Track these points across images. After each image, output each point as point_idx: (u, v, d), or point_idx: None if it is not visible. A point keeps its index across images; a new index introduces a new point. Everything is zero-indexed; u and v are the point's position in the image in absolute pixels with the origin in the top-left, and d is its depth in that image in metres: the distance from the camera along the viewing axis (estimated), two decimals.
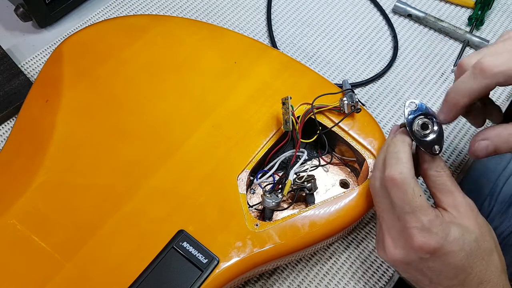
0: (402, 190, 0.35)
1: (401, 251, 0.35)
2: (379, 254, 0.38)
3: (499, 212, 0.59)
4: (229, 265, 0.37)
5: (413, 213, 0.34)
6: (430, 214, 0.35)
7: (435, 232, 0.34)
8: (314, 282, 0.44)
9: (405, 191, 0.35)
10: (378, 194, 0.38)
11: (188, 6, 0.61)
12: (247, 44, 0.49)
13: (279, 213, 0.42)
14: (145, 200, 0.39)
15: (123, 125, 0.43)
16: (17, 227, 0.38)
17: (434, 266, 0.35)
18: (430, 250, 0.34)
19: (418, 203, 0.35)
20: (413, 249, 0.34)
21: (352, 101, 0.43)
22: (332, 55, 0.58)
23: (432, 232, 0.34)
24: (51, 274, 0.36)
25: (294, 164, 0.42)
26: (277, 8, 0.62)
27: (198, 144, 0.42)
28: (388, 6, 0.63)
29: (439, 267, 0.35)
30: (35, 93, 0.45)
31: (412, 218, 0.34)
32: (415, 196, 0.35)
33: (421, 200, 0.35)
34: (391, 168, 0.36)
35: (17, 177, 0.40)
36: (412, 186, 0.35)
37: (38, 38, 0.57)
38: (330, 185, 0.45)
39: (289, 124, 0.41)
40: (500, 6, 0.64)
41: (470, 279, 0.35)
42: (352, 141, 0.43)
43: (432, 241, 0.34)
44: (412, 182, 0.35)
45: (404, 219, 0.35)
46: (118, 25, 0.50)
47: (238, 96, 0.45)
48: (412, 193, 0.35)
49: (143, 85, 0.46)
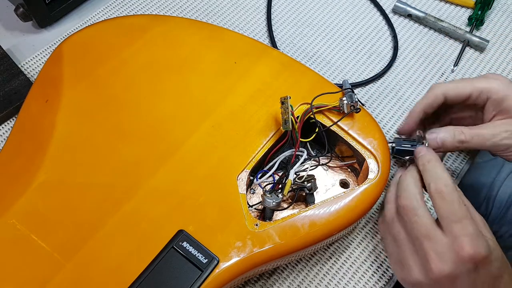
0: (449, 201, 0.35)
1: (449, 265, 0.34)
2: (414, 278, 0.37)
3: (497, 217, 0.59)
4: (229, 265, 0.37)
5: (460, 222, 0.34)
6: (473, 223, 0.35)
7: (482, 240, 0.34)
8: (314, 282, 0.44)
9: (452, 201, 0.35)
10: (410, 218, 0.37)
11: (188, 6, 0.61)
12: (247, 44, 0.49)
13: (279, 213, 0.42)
14: (145, 200, 0.39)
15: (123, 125, 0.43)
16: (17, 227, 0.38)
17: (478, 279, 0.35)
18: (480, 258, 0.34)
19: (464, 211, 0.35)
20: (463, 259, 0.34)
21: (351, 101, 0.43)
22: (332, 55, 0.58)
23: (480, 240, 0.34)
24: (51, 274, 0.36)
25: (294, 164, 0.42)
26: (277, 8, 0.62)
27: (198, 144, 0.42)
28: (388, 6, 0.63)
29: (482, 278, 0.35)
30: (35, 93, 0.45)
31: (460, 227, 0.34)
32: (461, 205, 0.35)
33: (466, 209, 0.36)
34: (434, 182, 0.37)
35: (17, 177, 0.40)
36: (457, 195, 0.36)
37: (38, 38, 0.57)
38: (330, 185, 0.45)
39: (288, 124, 0.41)
40: (500, 6, 0.64)
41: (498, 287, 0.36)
42: (352, 141, 0.43)
43: (481, 248, 0.34)
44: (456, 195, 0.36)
45: (452, 229, 0.35)
46: (118, 25, 0.50)
47: (238, 96, 0.45)
48: (459, 201, 0.36)
49: (143, 85, 0.46)
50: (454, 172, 0.51)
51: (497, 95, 0.42)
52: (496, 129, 0.41)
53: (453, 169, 0.51)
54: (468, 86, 0.43)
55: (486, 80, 0.43)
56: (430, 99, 0.44)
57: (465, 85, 0.43)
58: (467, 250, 0.34)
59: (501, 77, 0.43)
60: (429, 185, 0.37)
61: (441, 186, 0.36)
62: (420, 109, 0.44)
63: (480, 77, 0.44)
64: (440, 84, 0.44)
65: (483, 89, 0.42)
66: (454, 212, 0.35)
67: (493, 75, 0.44)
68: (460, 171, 0.51)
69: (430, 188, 0.37)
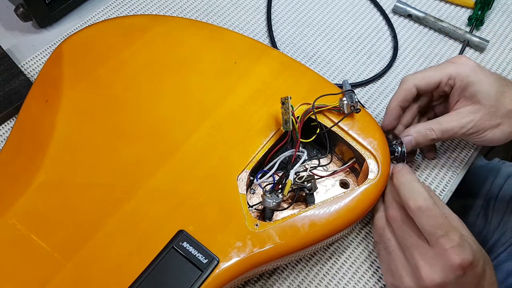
0: (432, 216, 0.36)
1: (439, 274, 0.35)
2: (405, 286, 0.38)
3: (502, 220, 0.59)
4: (229, 265, 0.37)
5: (447, 235, 0.35)
6: (457, 231, 0.36)
7: (467, 247, 0.35)
8: (314, 282, 0.44)
9: (435, 216, 0.36)
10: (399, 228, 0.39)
11: (188, 6, 0.61)
12: (247, 44, 0.49)
13: (279, 213, 0.42)
14: (145, 200, 0.39)
15: (123, 125, 0.43)
16: (17, 227, 0.38)
17: (466, 281, 0.36)
18: (468, 264, 0.35)
19: (447, 223, 0.36)
20: (453, 268, 0.35)
21: (351, 101, 0.43)
22: (332, 55, 0.58)
23: (465, 247, 0.35)
24: (51, 274, 0.36)
25: (294, 164, 0.42)
26: (277, 8, 0.62)
27: (198, 144, 0.42)
28: (388, 6, 0.63)
29: (469, 280, 0.36)
30: (35, 93, 0.45)
31: (446, 240, 0.35)
32: (443, 217, 0.36)
33: (447, 220, 0.36)
34: (413, 199, 0.37)
35: (17, 177, 0.40)
36: (438, 211, 0.36)
37: (38, 38, 0.57)
38: (330, 185, 0.45)
39: (289, 124, 0.41)
40: (500, 6, 0.64)
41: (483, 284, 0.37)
42: (352, 141, 0.43)
43: (468, 255, 0.35)
44: (436, 208, 0.36)
45: (439, 243, 0.35)
46: (118, 25, 0.50)
47: (238, 96, 0.45)
48: (440, 214, 0.36)
49: (143, 85, 0.46)
50: (462, 161, 0.51)
51: (462, 82, 0.44)
52: (463, 120, 0.43)
53: (462, 157, 0.51)
54: (437, 74, 0.44)
55: (454, 65, 0.44)
56: (404, 93, 0.45)
57: (434, 74, 0.45)
58: (456, 260, 0.35)
59: (468, 61, 0.45)
60: (408, 202, 0.37)
61: (421, 202, 0.36)
62: (396, 105, 0.45)
63: (448, 62, 0.46)
64: (410, 76, 0.45)
65: (450, 76, 0.44)
66: (438, 227, 0.36)
67: (460, 59, 0.45)
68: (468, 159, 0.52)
69: (409, 205, 0.37)
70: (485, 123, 0.43)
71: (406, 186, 0.38)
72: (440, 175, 0.50)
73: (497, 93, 0.43)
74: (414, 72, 0.46)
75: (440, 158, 0.51)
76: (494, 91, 0.43)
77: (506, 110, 0.43)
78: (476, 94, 0.43)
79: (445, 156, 0.52)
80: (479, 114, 0.43)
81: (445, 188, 0.50)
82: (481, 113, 0.43)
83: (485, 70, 0.44)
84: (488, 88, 0.43)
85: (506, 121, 0.44)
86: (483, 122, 0.43)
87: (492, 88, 0.43)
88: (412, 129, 0.45)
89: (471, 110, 0.44)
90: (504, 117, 0.43)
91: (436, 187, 0.50)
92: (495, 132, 0.44)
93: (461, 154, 0.52)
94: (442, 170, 0.51)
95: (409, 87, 0.45)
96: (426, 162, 0.51)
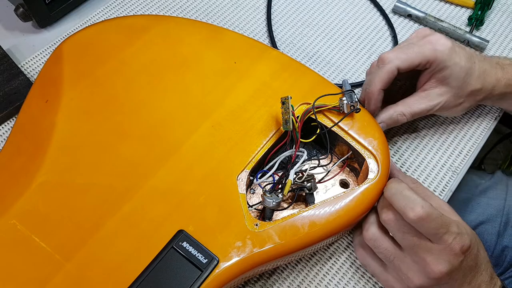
0: (432, 220, 0.36)
1: (446, 265, 0.36)
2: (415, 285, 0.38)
3: None
4: (229, 265, 0.37)
5: (448, 231, 0.36)
6: (454, 222, 0.37)
7: (463, 233, 0.37)
8: (314, 282, 0.44)
9: (435, 219, 0.36)
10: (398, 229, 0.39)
11: (188, 6, 0.61)
12: (247, 44, 0.49)
13: (279, 213, 0.42)
14: (145, 200, 0.39)
15: (123, 125, 0.43)
16: (17, 227, 0.38)
17: (467, 264, 0.38)
18: (466, 248, 0.37)
19: (445, 220, 0.37)
20: (456, 256, 0.36)
21: (351, 101, 0.43)
22: (332, 55, 0.58)
23: (462, 234, 0.37)
24: (51, 274, 0.36)
25: (294, 164, 0.42)
26: (277, 8, 0.62)
27: (198, 144, 0.42)
28: (388, 6, 0.63)
29: (469, 262, 0.38)
30: (35, 93, 0.45)
31: (449, 235, 0.36)
32: (440, 215, 0.37)
33: (444, 215, 0.37)
34: (410, 209, 0.37)
35: (17, 177, 0.40)
36: (436, 212, 0.37)
37: (38, 38, 0.57)
38: (330, 185, 0.45)
39: (289, 124, 0.41)
40: (500, 6, 0.64)
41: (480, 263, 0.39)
42: (352, 141, 0.43)
43: (466, 241, 0.37)
44: (433, 209, 0.37)
45: (443, 240, 0.36)
46: (118, 25, 0.50)
47: (238, 96, 0.45)
48: (440, 216, 0.37)
49: (143, 85, 0.46)
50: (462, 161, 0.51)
51: (438, 66, 0.45)
52: (431, 103, 0.46)
53: (462, 157, 0.51)
54: (418, 56, 0.45)
55: (432, 47, 0.45)
56: (387, 76, 0.45)
57: (416, 56, 0.45)
58: (458, 248, 0.36)
59: (446, 42, 0.45)
60: (405, 213, 0.37)
61: (419, 211, 0.36)
62: (379, 89, 0.45)
63: (426, 42, 0.46)
64: (392, 56, 0.45)
65: (429, 60, 0.45)
66: (440, 227, 0.36)
67: (438, 40, 0.45)
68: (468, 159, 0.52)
69: (408, 216, 0.37)
70: (450, 103, 0.47)
71: (399, 197, 0.38)
72: (440, 175, 0.50)
73: (465, 75, 0.46)
74: (393, 51, 0.46)
75: (440, 158, 0.51)
76: (463, 74, 0.45)
77: (469, 90, 0.47)
78: (447, 77, 0.45)
79: (445, 156, 0.52)
80: (446, 96, 0.46)
81: (445, 188, 0.50)
82: (448, 95, 0.46)
83: (459, 50, 0.46)
84: (459, 71, 0.45)
85: (467, 99, 0.47)
86: (449, 103, 0.47)
87: (462, 70, 0.45)
88: (383, 115, 0.47)
89: (439, 92, 0.46)
90: (466, 96, 0.47)
91: (436, 187, 0.50)
92: (456, 109, 0.48)
93: (461, 154, 0.52)
94: (442, 169, 0.51)
95: (392, 69, 0.45)
96: (426, 162, 0.51)
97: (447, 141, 0.53)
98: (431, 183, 0.50)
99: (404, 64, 0.45)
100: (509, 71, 0.48)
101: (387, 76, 0.45)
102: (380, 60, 0.46)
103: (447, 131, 0.53)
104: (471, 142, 0.53)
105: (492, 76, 0.47)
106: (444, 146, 0.52)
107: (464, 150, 0.52)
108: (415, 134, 0.53)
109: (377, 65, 0.46)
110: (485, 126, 0.54)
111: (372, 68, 0.47)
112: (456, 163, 0.51)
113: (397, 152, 0.51)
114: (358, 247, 0.44)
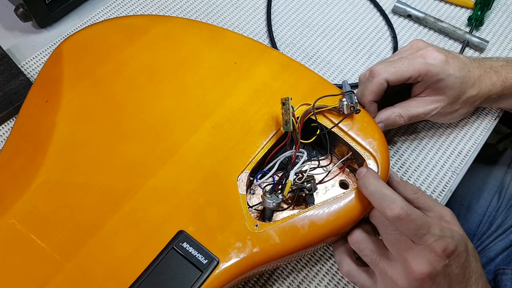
0: (411, 220, 0.36)
1: (427, 266, 0.36)
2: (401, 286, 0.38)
3: (506, 207, 0.60)
4: (229, 265, 0.37)
5: (429, 233, 0.36)
6: (437, 223, 0.37)
7: (447, 236, 0.36)
8: (314, 282, 0.44)
9: (414, 219, 0.36)
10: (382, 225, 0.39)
11: (188, 6, 0.61)
12: (247, 44, 0.49)
13: (279, 213, 0.42)
14: (145, 201, 0.39)
15: (123, 125, 0.43)
16: (17, 227, 0.38)
17: (452, 271, 0.37)
18: (450, 252, 0.36)
19: (426, 220, 0.36)
20: (437, 257, 0.36)
21: (351, 102, 0.43)
22: (332, 55, 0.58)
23: (447, 236, 0.36)
24: (51, 274, 0.36)
25: (294, 165, 0.42)
26: (277, 8, 0.62)
27: (198, 145, 0.42)
28: (388, 6, 0.63)
29: (455, 270, 0.37)
30: (35, 93, 0.45)
31: (429, 236, 0.36)
32: (421, 216, 0.36)
33: (426, 217, 0.37)
34: (388, 208, 0.36)
35: (17, 177, 0.40)
36: (416, 213, 0.36)
37: (38, 38, 0.57)
38: (330, 186, 0.45)
39: (289, 125, 0.41)
40: (500, 6, 0.64)
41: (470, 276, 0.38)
42: (352, 142, 0.44)
43: (450, 244, 0.36)
44: (413, 209, 0.37)
45: (423, 240, 0.36)
46: (118, 25, 0.50)
47: (238, 96, 0.45)
48: (420, 217, 0.36)
49: (143, 85, 0.46)
50: (462, 161, 0.51)
51: (431, 79, 0.46)
52: (428, 107, 0.48)
53: (461, 157, 0.51)
54: (408, 70, 0.46)
55: (423, 61, 0.46)
56: (377, 89, 0.46)
57: (406, 70, 0.46)
58: (440, 249, 0.36)
59: (438, 56, 0.46)
60: (384, 213, 0.37)
61: (398, 211, 0.36)
62: (370, 100, 0.47)
63: (417, 56, 0.46)
64: (381, 69, 0.46)
65: (420, 73, 0.46)
66: (420, 228, 0.36)
67: (430, 54, 0.46)
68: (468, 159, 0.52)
69: (386, 215, 0.37)
70: (447, 109, 0.48)
71: (377, 196, 0.38)
72: (440, 175, 0.50)
73: (461, 85, 0.47)
74: (383, 62, 0.47)
75: (440, 158, 0.51)
76: (459, 84, 0.47)
77: (466, 97, 0.48)
78: (443, 88, 0.47)
79: (444, 156, 0.52)
80: (443, 103, 0.48)
81: (445, 188, 0.50)
82: (445, 102, 0.48)
83: (452, 62, 0.47)
84: (454, 81, 0.46)
85: (464, 106, 0.49)
86: (445, 109, 0.48)
87: (457, 81, 0.46)
88: (381, 116, 0.47)
89: (436, 99, 0.48)
90: (463, 103, 0.48)
91: (436, 187, 0.50)
92: (453, 115, 0.49)
93: (461, 154, 0.52)
94: (442, 170, 0.51)
95: (381, 82, 0.46)
96: (426, 162, 0.51)
97: (447, 141, 0.53)
98: (431, 183, 0.50)
99: (392, 77, 0.46)
100: (502, 73, 0.49)
101: (377, 89, 0.46)
102: (370, 73, 0.47)
103: (447, 131, 0.53)
104: (471, 142, 0.53)
105: (487, 81, 0.48)
106: (444, 146, 0.52)
107: (464, 150, 0.52)
108: (414, 134, 0.53)
109: (367, 78, 0.47)
110: (485, 126, 0.54)
111: (362, 78, 0.48)
112: (456, 163, 0.51)
113: (396, 153, 0.52)
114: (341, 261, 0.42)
